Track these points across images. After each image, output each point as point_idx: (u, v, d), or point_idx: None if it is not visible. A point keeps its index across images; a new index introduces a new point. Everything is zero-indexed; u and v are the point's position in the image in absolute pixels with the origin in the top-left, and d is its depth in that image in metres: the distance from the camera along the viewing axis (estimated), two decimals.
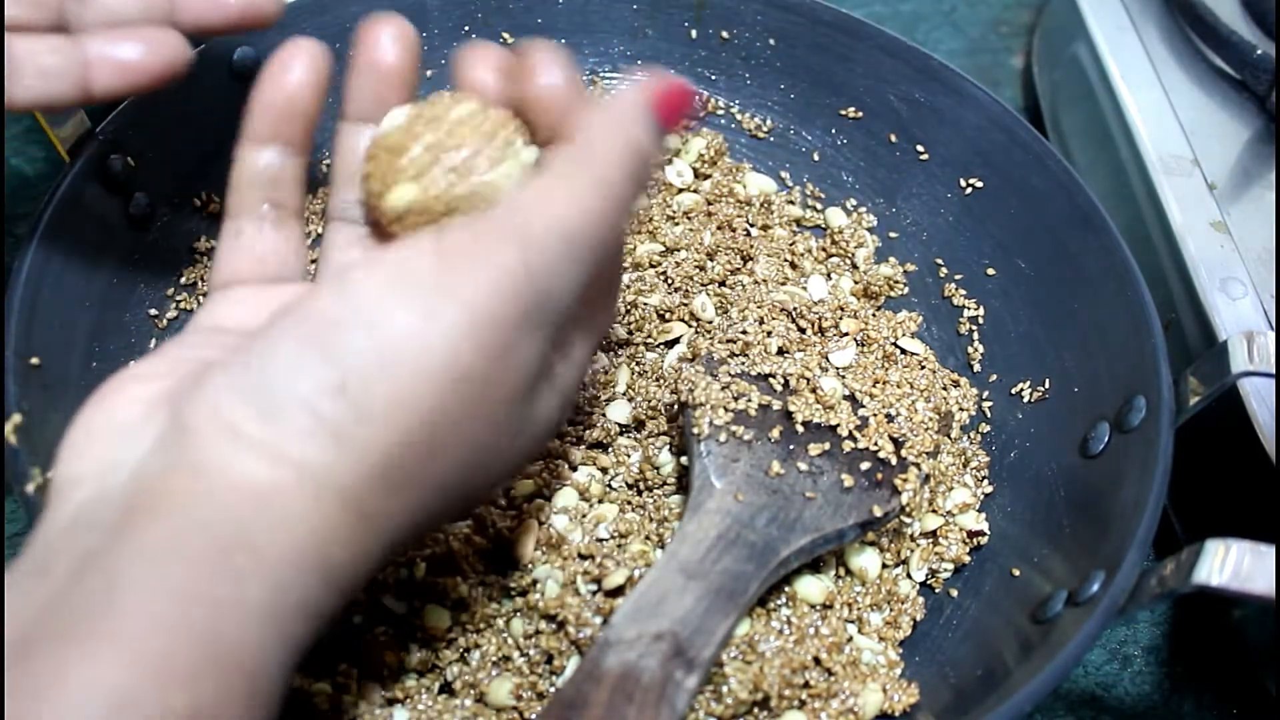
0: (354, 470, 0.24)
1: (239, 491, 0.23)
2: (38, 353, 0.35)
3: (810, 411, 0.39)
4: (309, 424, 0.24)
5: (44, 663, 0.21)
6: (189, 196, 0.44)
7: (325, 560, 0.24)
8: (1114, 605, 0.33)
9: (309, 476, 0.24)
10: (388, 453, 0.24)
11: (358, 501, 0.24)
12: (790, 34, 0.51)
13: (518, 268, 0.25)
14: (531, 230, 0.26)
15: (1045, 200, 0.45)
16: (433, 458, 0.25)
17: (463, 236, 0.26)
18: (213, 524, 0.23)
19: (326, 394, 0.24)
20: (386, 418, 0.24)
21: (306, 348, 0.24)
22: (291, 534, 0.24)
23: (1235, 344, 0.36)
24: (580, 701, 0.31)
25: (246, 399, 0.24)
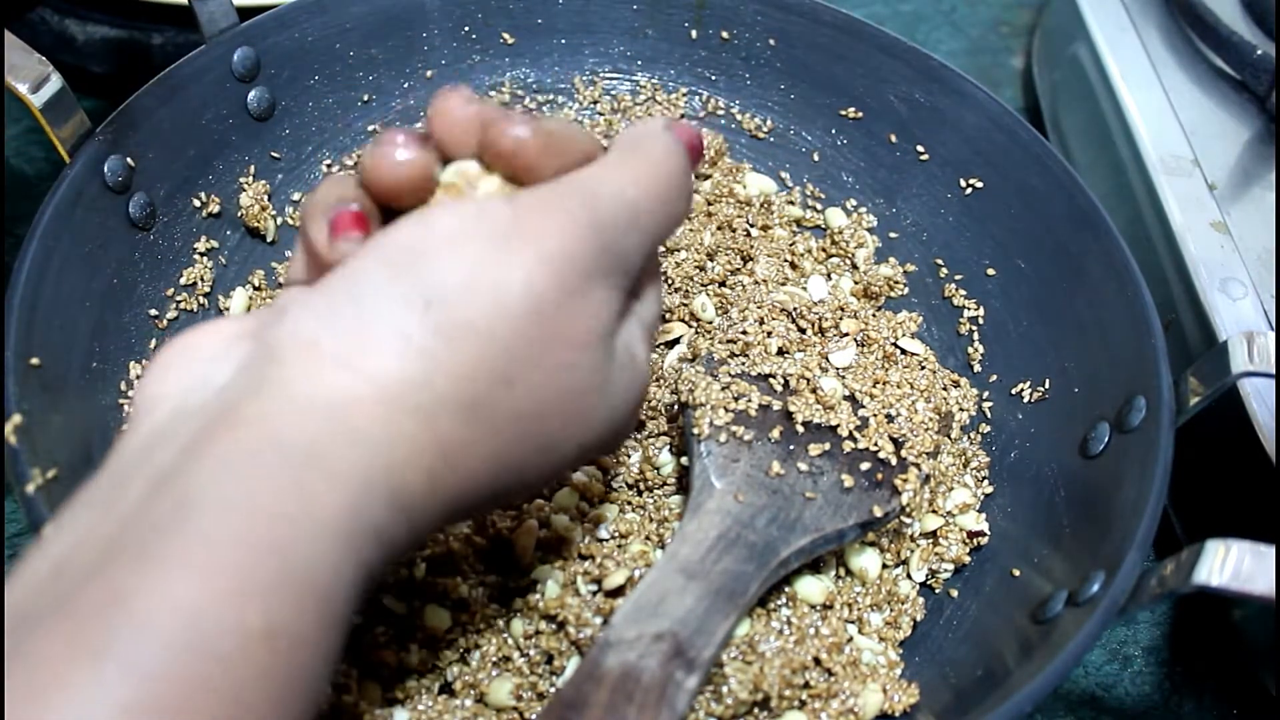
0: (431, 388, 0.25)
1: (314, 405, 0.24)
2: (38, 353, 0.35)
3: (810, 412, 0.39)
4: (389, 336, 0.25)
5: (122, 580, 0.21)
6: (189, 196, 0.44)
7: (398, 482, 0.24)
8: (1114, 605, 0.33)
9: (385, 390, 0.24)
10: (464, 373, 0.25)
11: (433, 421, 0.25)
12: (790, 34, 0.51)
13: (584, 217, 0.27)
14: (596, 190, 0.28)
15: (1045, 200, 0.45)
16: (508, 387, 0.26)
17: (534, 195, 0.27)
18: (286, 440, 0.23)
19: (410, 310, 0.25)
20: (466, 339, 0.25)
21: (392, 271, 0.25)
22: (364, 449, 0.24)
23: (1235, 344, 0.36)
24: (580, 702, 0.31)
25: (327, 319, 0.25)
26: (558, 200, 0.27)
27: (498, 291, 0.25)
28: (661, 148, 0.30)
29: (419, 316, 0.25)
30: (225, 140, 0.46)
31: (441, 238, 0.26)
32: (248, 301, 0.45)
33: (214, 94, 0.45)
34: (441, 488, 0.26)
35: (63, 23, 0.56)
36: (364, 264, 0.26)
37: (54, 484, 0.32)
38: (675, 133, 0.31)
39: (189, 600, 0.21)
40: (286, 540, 0.22)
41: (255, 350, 0.25)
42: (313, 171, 0.49)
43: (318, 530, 0.23)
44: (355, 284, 0.25)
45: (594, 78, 0.53)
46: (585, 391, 0.28)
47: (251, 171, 0.46)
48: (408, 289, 0.25)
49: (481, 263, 0.26)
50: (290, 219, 0.48)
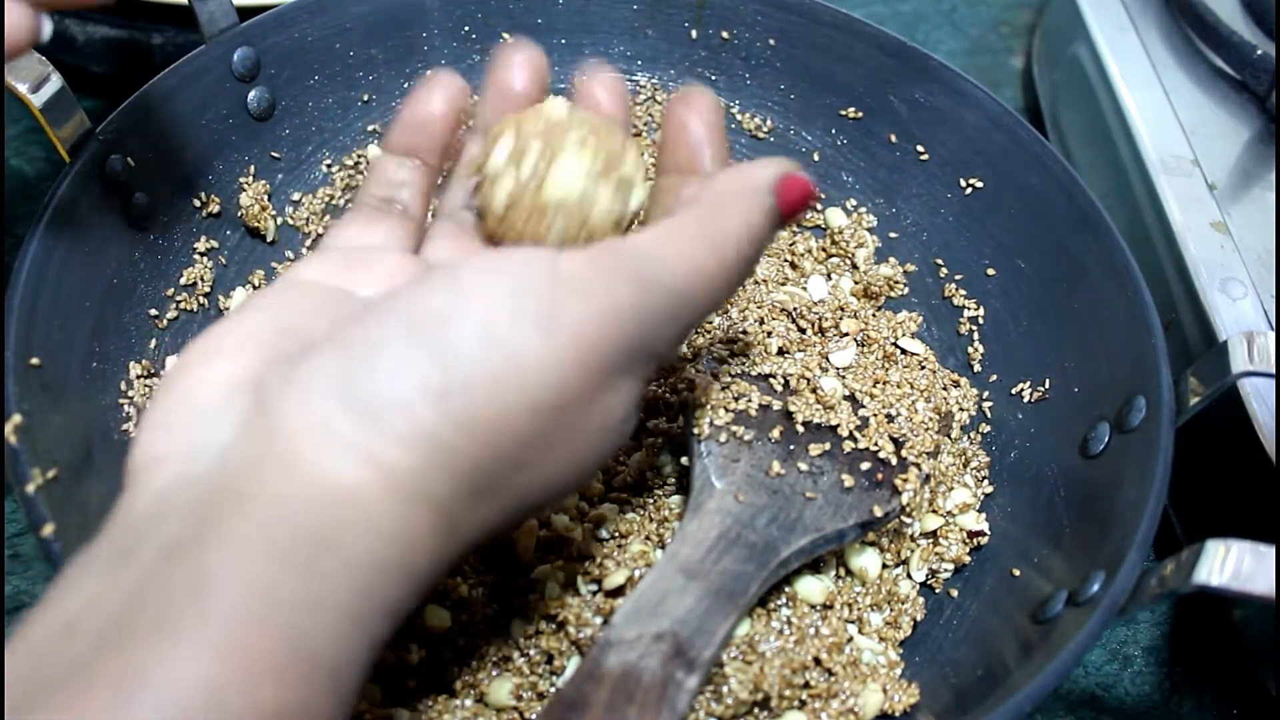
0: (444, 479, 0.24)
1: (328, 491, 0.23)
2: (38, 353, 0.35)
3: (810, 411, 0.39)
4: (405, 427, 0.24)
5: (142, 653, 0.20)
6: (189, 196, 0.44)
7: (410, 564, 0.24)
8: (1114, 605, 0.33)
9: (400, 482, 0.24)
10: (477, 464, 0.24)
11: (445, 510, 0.24)
12: (790, 34, 0.51)
13: (631, 308, 0.26)
14: (651, 274, 0.26)
15: (1045, 200, 0.45)
16: (518, 473, 0.25)
17: (581, 263, 0.26)
18: (301, 522, 0.23)
19: (429, 398, 0.24)
20: (484, 431, 0.24)
21: (414, 344, 0.24)
22: (378, 539, 0.23)
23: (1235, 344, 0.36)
24: (581, 702, 0.31)
25: (341, 392, 0.24)
26: (606, 282, 0.26)
27: (526, 383, 0.24)
28: (743, 218, 0.29)
29: (437, 404, 0.24)
30: (225, 140, 0.46)
31: (472, 307, 0.24)
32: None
33: (214, 94, 0.45)
34: (446, 556, 0.25)
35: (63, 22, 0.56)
36: (386, 326, 0.25)
37: (54, 484, 0.32)
38: (779, 193, 0.29)
39: (208, 677, 0.20)
40: (301, 622, 0.22)
41: (260, 415, 0.24)
42: (313, 171, 0.49)
43: (332, 613, 0.23)
44: (374, 352, 0.24)
45: None
46: (590, 465, 0.28)
47: (251, 171, 0.46)
48: (430, 369, 0.24)
49: (513, 351, 0.24)
50: (290, 219, 0.48)
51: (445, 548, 0.25)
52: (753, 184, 0.29)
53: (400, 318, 0.25)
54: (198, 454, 0.24)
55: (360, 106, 0.50)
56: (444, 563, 0.25)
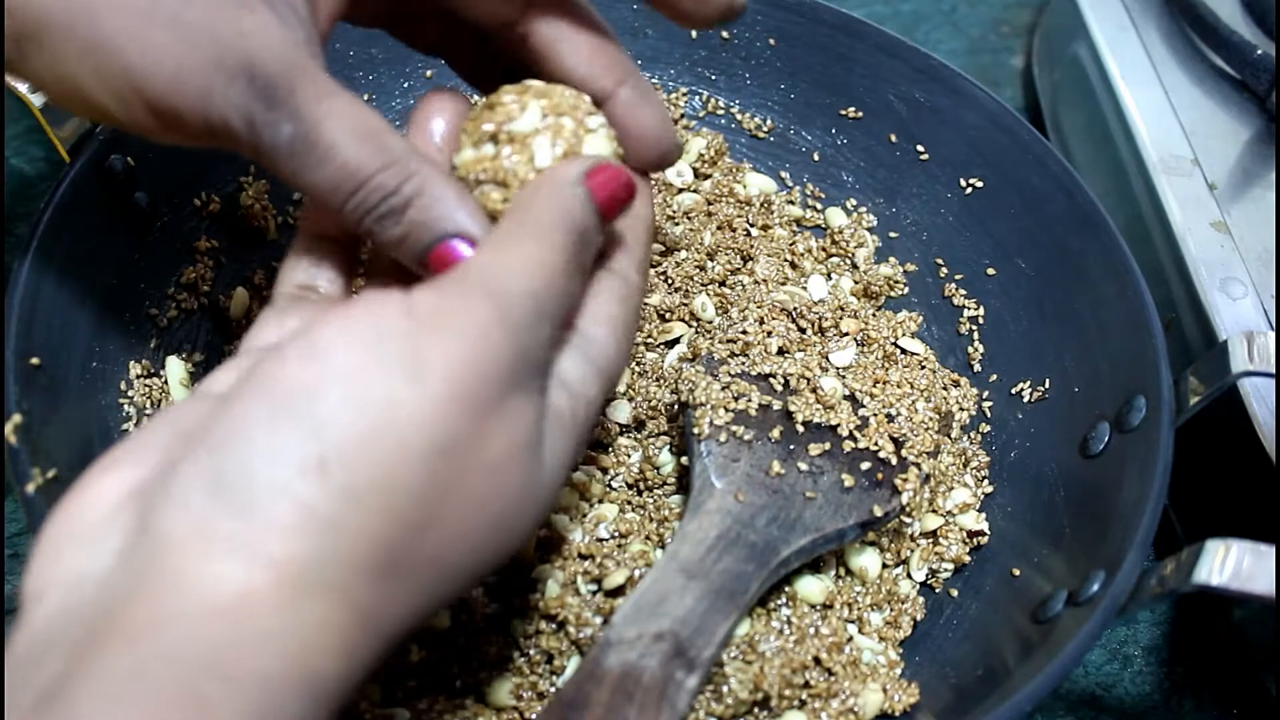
0: (340, 560, 0.22)
1: (210, 606, 0.21)
2: (38, 353, 0.35)
3: (810, 411, 0.39)
4: (286, 511, 0.22)
5: None
6: (189, 196, 0.44)
7: (312, 674, 0.22)
8: (1114, 605, 0.33)
9: (289, 575, 0.21)
10: (376, 535, 0.22)
11: (347, 597, 0.22)
12: (790, 34, 0.51)
13: (496, 325, 0.24)
14: (505, 287, 0.25)
15: (1045, 200, 0.45)
16: (427, 534, 0.23)
17: (432, 296, 0.24)
18: (176, 652, 0.21)
19: (306, 474, 0.22)
20: (373, 497, 0.22)
21: (281, 422, 0.22)
22: (270, 649, 0.21)
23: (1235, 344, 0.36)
24: (581, 701, 0.31)
25: (214, 489, 0.22)
26: (464, 308, 0.24)
27: (405, 434, 0.22)
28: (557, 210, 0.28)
29: (318, 481, 0.22)
30: None
31: (335, 375, 0.23)
32: (248, 301, 0.45)
33: None
34: (362, 657, 0.23)
35: None
36: (249, 411, 0.23)
37: (54, 484, 0.32)
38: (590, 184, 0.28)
39: None
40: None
41: (140, 529, 0.22)
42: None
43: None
44: (244, 443, 0.22)
45: None
46: (516, 510, 0.25)
47: (251, 171, 0.46)
48: (302, 445, 0.22)
49: (382, 400, 0.22)
50: (290, 218, 0.48)
51: (360, 648, 0.23)
52: (558, 177, 0.29)
53: (262, 398, 0.23)
54: (81, 580, 0.22)
55: None
56: (361, 666, 0.23)
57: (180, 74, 0.26)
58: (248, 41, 0.26)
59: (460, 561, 0.24)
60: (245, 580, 0.21)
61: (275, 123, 0.27)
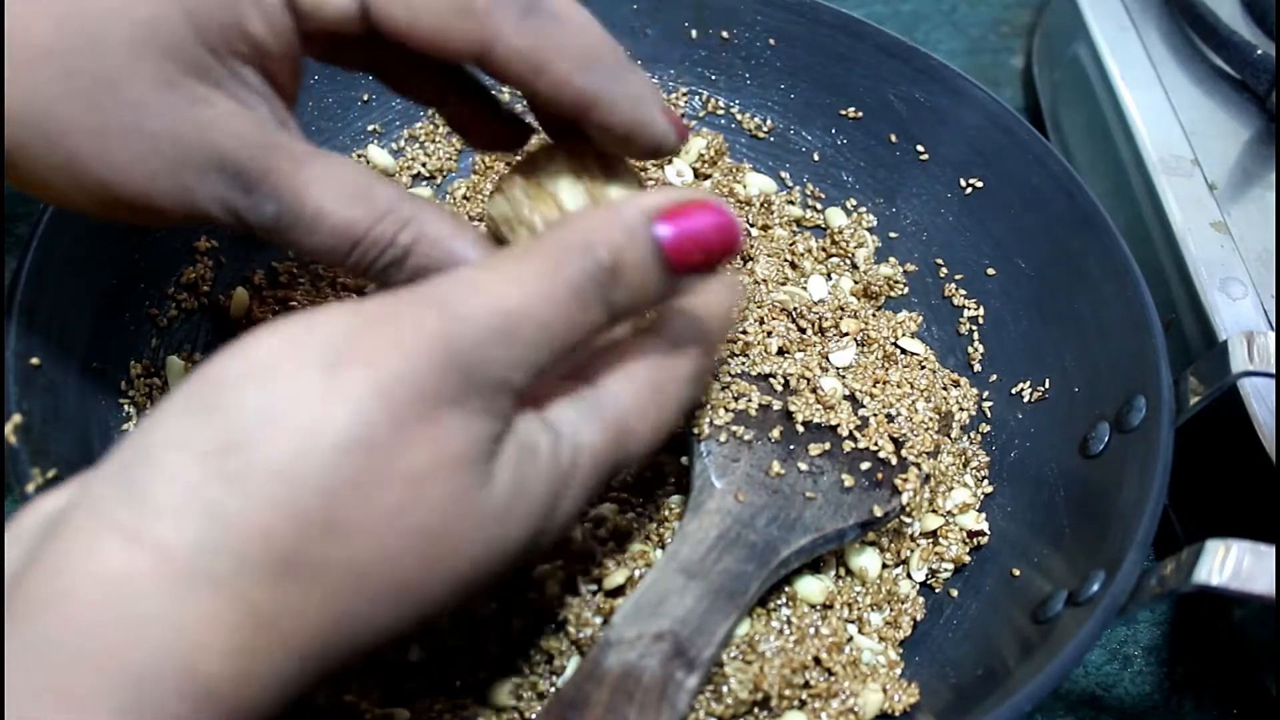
0: (231, 550, 0.21)
1: (90, 588, 0.20)
2: (38, 353, 0.35)
3: (810, 411, 0.39)
4: (175, 495, 0.21)
5: None
6: None
7: (196, 673, 0.20)
8: (1114, 605, 0.33)
9: (172, 560, 0.20)
10: (269, 530, 0.21)
11: (238, 593, 0.21)
12: (790, 34, 0.51)
13: (435, 331, 0.23)
14: (462, 300, 0.24)
15: (1045, 200, 0.45)
16: (336, 539, 0.22)
17: (380, 303, 0.24)
18: (48, 637, 0.20)
19: (201, 460, 0.21)
20: (267, 487, 0.21)
21: (186, 410, 0.22)
22: (147, 639, 0.20)
23: (1235, 344, 0.36)
24: (581, 701, 0.31)
25: (117, 476, 0.21)
26: (408, 310, 0.23)
27: (314, 425, 0.21)
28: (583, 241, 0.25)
29: (210, 466, 0.21)
30: None
31: (254, 367, 0.22)
32: (248, 301, 0.45)
33: None
34: (262, 665, 0.21)
35: None
36: (167, 405, 0.22)
37: (54, 484, 0.32)
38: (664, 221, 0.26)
39: None
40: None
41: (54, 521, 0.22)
42: None
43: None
44: (149, 430, 0.22)
45: None
46: (445, 527, 0.23)
47: None
48: (202, 433, 0.21)
49: (296, 395, 0.22)
50: None
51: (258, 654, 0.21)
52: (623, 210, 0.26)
53: (184, 391, 0.22)
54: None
55: (360, 106, 0.50)
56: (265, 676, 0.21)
57: (154, 180, 0.27)
58: (211, 134, 0.27)
59: (381, 573, 0.22)
60: (126, 562, 0.20)
61: (257, 205, 0.27)
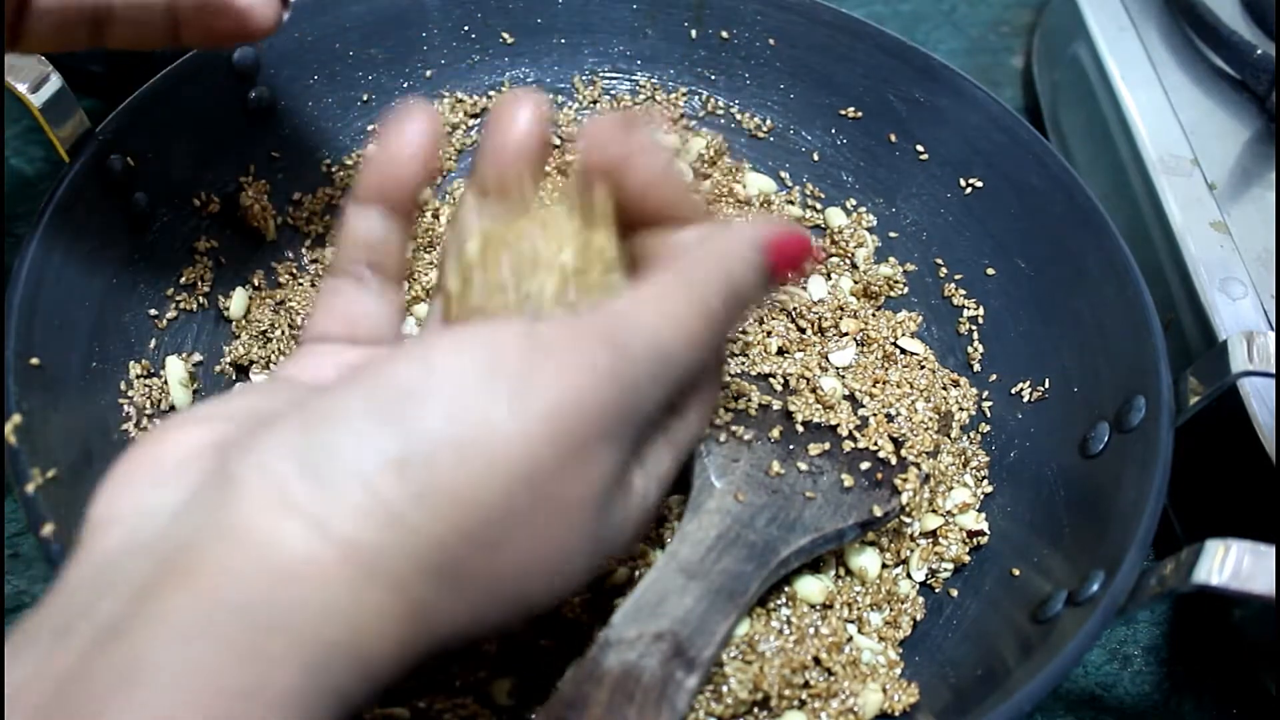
0: (404, 556, 0.22)
1: (278, 565, 0.22)
2: (38, 353, 0.35)
3: (810, 411, 0.39)
4: (362, 499, 0.22)
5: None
6: (189, 196, 0.44)
7: (365, 650, 0.22)
8: (1114, 605, 0.33)
9: (354, 557, 0.22)
10: (442, 543, 0.23)
11: (408, 594, 0.23)
12: (790, 34, 0.51)
13: (608, 373, 0.24)
14: (627, 338, 0.25)
15: (1045, 200, 0.45)
16: (490, 555, 0.23)
17: (556, 330, 0.25)
18: (244, 602, 0.21)
19: (387, 469, 0.22)
20: (447, 506, 0.23)
21: (373, 415, 0.23)
22: (329, 618, 0.22)
23: (1235, 344, 0.36)
24: (580, 701, 0.31)
25: (300, 459, 0.22)
26: (582, 343, 0.24)
27: (493, 454, 0.23)
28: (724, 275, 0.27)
29: (396, 478, 0.22)
30: (225, 140, 0.46)
31: (440, 381, 0.23)
32: (247, 302, 0.45)
33: (214, 94, 0.45)
34: (408, 647, 0.23)
35: None
36: (349, 399, 0.23)
37: (54, 484, 0.33)
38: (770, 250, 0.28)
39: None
40: (240, 712, 0.20)
41: (215, 478, 0.23)
42: (313, 171, 0.49)
43: (273, 701, 0.21)
44: (335, 424, 0.23)
45: (593, 77, 0.53)
46: (575, 549, 0.25)
47: (251, 171, 0.46)
48: (390, 440, 0.22)
49: (479, 418, 0.23)
50: (290, 219, 0.48)
51: (410, 640, 0.23)
52: (739, 239, 0.28)
53: (366, 389, 0.23)
54: (149, 516, 0.23)
55: (360, 106, 0.50)
56: (407, 658, 0.23)
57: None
58: None
59: (514, 587, 0.24)
60: (312, 550, 0.22)
61: None
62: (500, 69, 0.52)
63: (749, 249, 0.28)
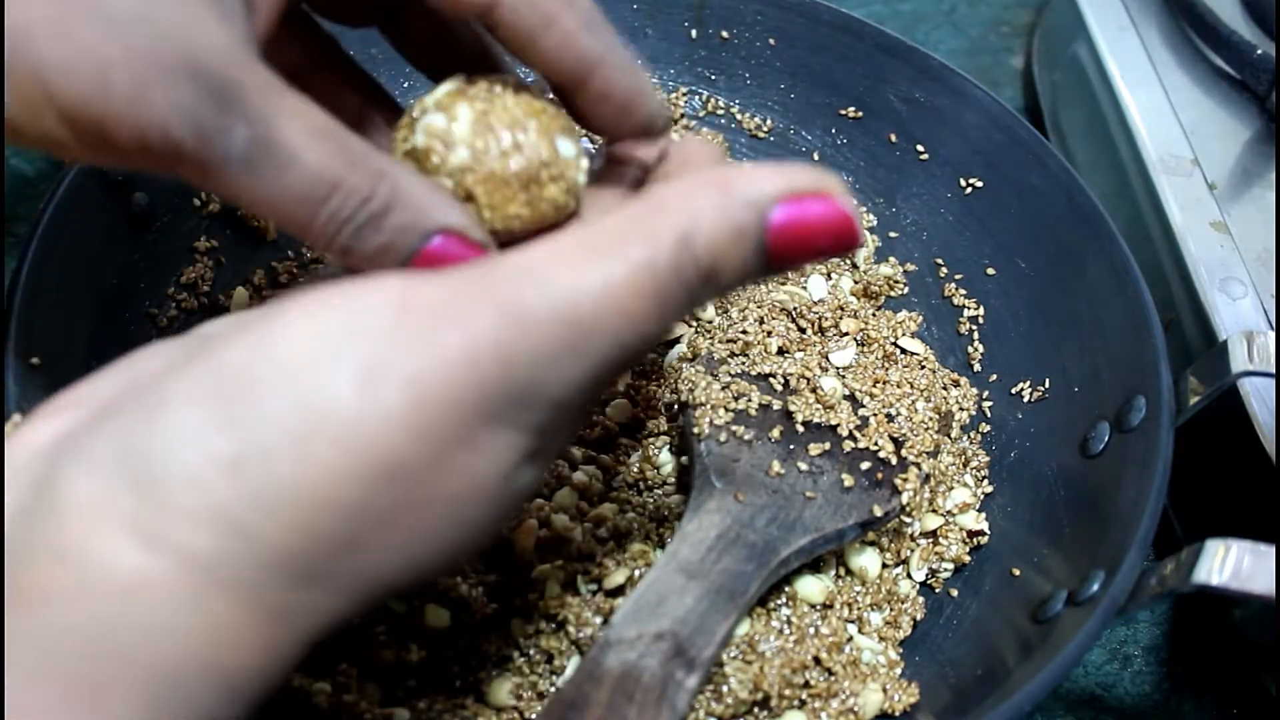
0: (248, 564, 0.20)
1: (110, 586, 0.19)
2: (38, 353, 0.35)
3: (810, 411, 0.39)
4: (194, 503, 0.19)
5: None
6: (189, 196, 0.44)
7: (218, 666, 0.20)
8: (1114, 605, 0.33)
9: (193, 567, 0.19)
10: (288, 547, 0.20)
11: (256, 598, 0.20)
12: (790, 34, 0.51)
13: (492, 346, 0.20)
14: (528, 302, 0.21)
15: (1045, 200, 0.45)
16: (353, 555, 0.20)
17: (436, 291, 0.21)
18: (74, 629, 0.19)
19: (219, 469, 0.19)
20: (288, 507, 0.20)
21: (202, 409, 0.20)
22: (170, 636, 0.19)
23: (1235, 344, 0.36)
24: (581, 701, 0.31)
25: (126, 462, 0.20)
26: (465, 306, 0.20)
27: (342, 446, 0.20)
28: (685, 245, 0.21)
29: (230, 478, 0.19)
30: None
31: (283, 359, 0.20)
32: (248, 301, 0.45)
33: None
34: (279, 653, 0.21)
35: None
36: (181, 385, 0.20)
37: None
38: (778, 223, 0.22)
39: None
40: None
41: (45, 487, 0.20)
42: None
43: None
44: (166, 418, 0.20)
45: None
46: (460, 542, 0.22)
47: None
48: (220, 438, 0.20)
49: (325, 402, 0.20)
50: None
51: (272, 641, 0.21)
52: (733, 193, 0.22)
53: (198, 373, 0.20)
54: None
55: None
56: (283, 660, 0.21)
57: (107, 74, 0.21)
58: (189, 33, 0.22)
59: (396, 576, 0.22)
60: (146, 566, 0.19)
61: (228, 128, 0.22)
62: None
63: (744, 210, 0.22)
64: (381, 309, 0.20)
